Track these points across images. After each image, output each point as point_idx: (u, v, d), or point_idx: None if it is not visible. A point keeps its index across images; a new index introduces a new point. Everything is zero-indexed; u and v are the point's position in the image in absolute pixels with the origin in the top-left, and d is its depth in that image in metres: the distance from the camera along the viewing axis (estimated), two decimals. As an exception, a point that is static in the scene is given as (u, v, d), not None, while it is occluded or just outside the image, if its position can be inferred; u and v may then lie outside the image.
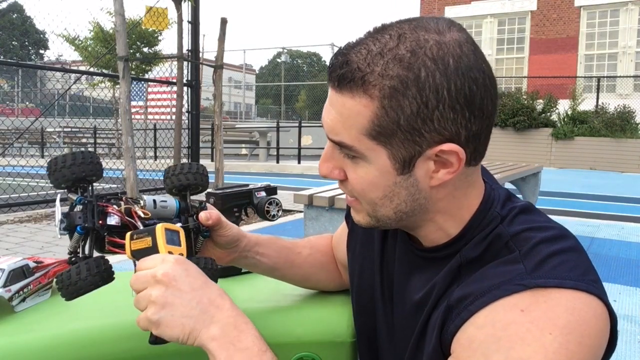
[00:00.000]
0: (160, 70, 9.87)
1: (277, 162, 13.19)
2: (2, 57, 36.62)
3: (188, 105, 6.40)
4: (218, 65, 5.64)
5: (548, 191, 7.65)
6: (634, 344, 2.43)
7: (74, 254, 0.71)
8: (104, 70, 13.34)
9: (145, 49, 14.45)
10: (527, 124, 14.03)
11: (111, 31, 12.56)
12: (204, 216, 0.79)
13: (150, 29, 10.31)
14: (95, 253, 0.72)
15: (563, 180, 10.22)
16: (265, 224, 4.80)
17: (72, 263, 0.70)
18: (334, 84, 0.62)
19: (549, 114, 14.33)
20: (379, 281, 0.80)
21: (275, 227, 4.71)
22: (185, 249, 0.72)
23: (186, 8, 5.79)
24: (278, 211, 1.14)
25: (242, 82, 31.65)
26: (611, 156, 13.21)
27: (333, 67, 0.62)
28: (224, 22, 5.63)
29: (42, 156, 12.76)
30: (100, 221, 0.71)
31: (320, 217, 2.45)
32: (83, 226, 0.69)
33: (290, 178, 10.38)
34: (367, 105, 0.60)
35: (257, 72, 46.81)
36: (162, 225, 0.70)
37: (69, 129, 15.78)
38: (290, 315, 0.93)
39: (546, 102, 14.31)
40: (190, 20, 6.05)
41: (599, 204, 7.27)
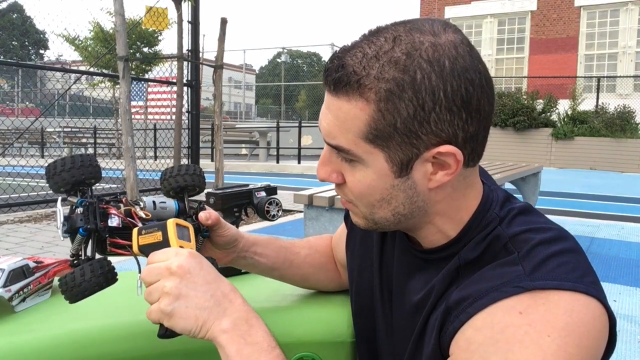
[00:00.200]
0: (160, 70, 9.86)
1: (277, 162, 13.19)
2: (2, 57, 36.60)
3: (188, 105, 6.39)
4: (218, 65, 5.64)
5: (548, 191, 7.65)
6: (634, 344, 2.43)
7: (76, 257, 0.71)
8: (104, 70, 13.35)
9: (145, 49, 14.46)
10: (527, 124, 14.03)
11: (111, 31, 12.56)
12: (203, 216, 0.79)
13: (150, 29, 10.30)
14: (97, 255, 0.72)
15: (563, 180, 10.22)
16: (265, 224, 4.80)
17: (74, 265, 0.70)
18: (330, 88, 0.62)
19: (549, 114, 14.33)
20: (378, 282, 0.80)
21: (275, 227, 4.70)
22: (194, 245, 0.72)
23: (186, 8, 5.79)
24: (278, 211, 1.14)
25: (242, 82, 31.65)
26: (611, 156, 13.21)
27: (329, 71, 0.62)
28: (224, 22, 5.63)
29: (42, 156, 12.75)
30: (102, 223, 0.71)
31: (320, 217, 2.45)
32: (85, 228, 0.70)
33: (290, 178, 10.38)
34: (363, 108, 0.59)
35: (257, 72, 46.80)
36: (174, 221, 0.71)
37: (69, 129, 15.77)
38: (290, 315, 0.93)
39: (546, 102, 14.32)
40: (190, 20, 6.05)
41: (599, 204, 7.27)
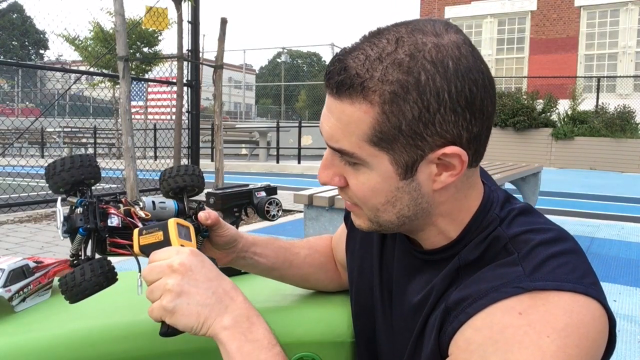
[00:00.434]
0: (160, 70, 9.87)
1: (277, 162, 13.19)
2: (2, 57, 36.60)
3: (188, 105, 6.40)
4: (218, 65, 5.64)
5: (548, 191, 7.65)
6: (634, 344, 2.43)
7: (76, 257, 0.71)
8: (104, 70, 13.35)
9: (145, 49, 14.46)
10: (527, 124, 14.03)
11: (111, 31, 12.57)
12: (203, 216, 0.79)
13: (150, 29, 10.31)
14: (97, 255, 0.72)
15: (563, 180, 10.22)
16: (265, 224, 4.80)
17: (74, 265, 0.70)
18: (332, 91, 0.61)
19: (549, 114, 14.33)
20: (378, 282, 0.80)
21: (275, 227, 4.70)
22: (195, 244, 0.73)
23: (186, 8, 5.80)
24: (278, 211, 1.14)
25: (242, 82, 31.65)
26: (611, 156, 13.21)
27: (330, 74, 0.61)
28: (224, 22, 5.63)
29: (42, 156, 12.75)
30: (102, 222, 0.71)
31: (320, 217, 2.45)
32: (85, 227, 0.70)
33: (290, 178, 10.38)
34: (367, 111, 0.59)
35: (257, 72, 46.79)
36: (175, 220, 0.71)
37: (69, 129, 15.77)
38: (290, 315, 0.93)
39: (546, 102, 14.32)
40: (190, 20, 6.05)
41: (599, 204, 7.27)
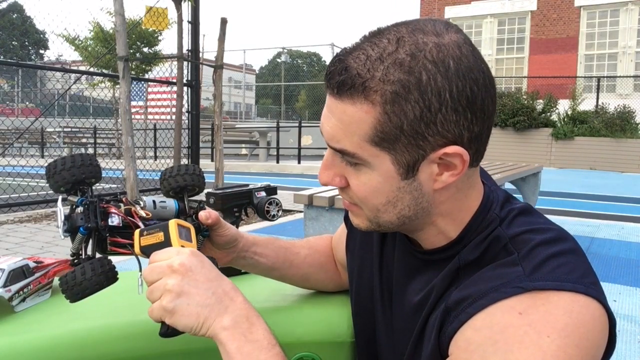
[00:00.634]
0: (160, 70, 9.87)
1: (277, 162, 13.19)
2: (2, 57, 36.60)
3: (188, 105, 6.40)
4: (218, 65, 5.64)
5: (548, 191, 7.65)
6: (634, 344, 2.43)
7: (76, 256, 0.71)
8: (104, 70, 13.35)
9: (145, 49, 14.46)
10: (527, 124, 14.04)
11: (111, 31, 12.57)
12: (203, 215, 0.79)
13: (150, 29, 10.31)
14: (97, 254, 0.72)
15: (563, 180, 10.22)
16: (265, 224, 4.80)
17: (75, 264, 0.70)
18: (332, 91, 0.61)
19: (549, 114, 14.33)
20: (378, 282, 0.80)
21: (275, 227, 4.70)
22: (195, 245, 0.73)
23: (186, 8, 5.79)
24: (278, 211, 1.14)
25: (242, 82, 31.64)
26: (611, 156, 13.21)
27: (331, 74, 0.61)
28: (224, 22, 5.63)
29: (42, 156, 12.75)
30: (102, 222, 0.71)
31: (320, 217, 2.45)
32: (86, 227, 0.70)
33: (290, 178, 10.38)
34: (368, 111, 0.59)
35: (257, 72, 46.79)
36: (175, 221, 0.71)
37: (69, 129, 15.78)
38: (290, 315, 0.93)
39: (546, 102, 14.32)
40: (190, 20, 6.05)
41: (599, 204, 7.27)
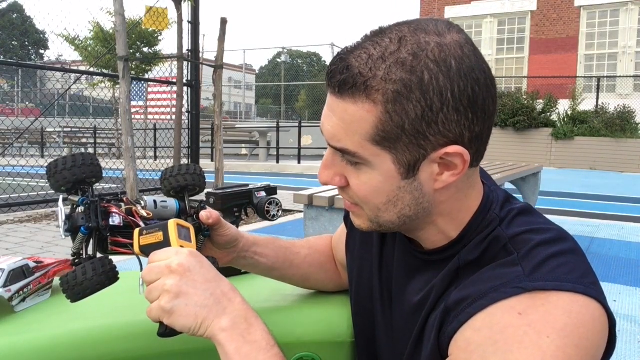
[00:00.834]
0: (160, 70, 9.86)
1: (277, 162, 13.19)
2: (2, 57, 36.60)
3: (188, 105, 6.39)
4: (218, 65, 5.64)
5: (548, 191, 7.65)
6: (634, 344, 2.43)
7: (77, 256, 0.71)
8: (104, 70, 13.35)
9: (145, 49, 14.46)
10: (527, 124, 14.04)
11: (111, 31, 12.57)
12: (204, 215, 0.79)
13: (150, 29, 10.31)
14: (98, 254, 0.72)
15: (563, 180, 10.22)
16: (265, 224, 4.80)
17: (76, 264, 0.70)
18: (334, 90, 0.61)
19: (549, 114, 14.33)
20: (378, 282, 0.80)
21: (275, 227, 4.70)
22: (195, 245, 0.73)
23: (186, 8, 5.79)
24: (278, 211, 1.14)
25: (242, 82, 31.64)
26: (611, 156, 13.21)
27: (333, 73, 0.61)
28: (224, 22, 5.63)
29: (42, 156, 12.75)
30: (104, 221, 0.71)
31: (320, 217, 2.45)
32: (87, 226, 0.70)
33: (290, 178, 10.38)
34: (370, 110, 0.59)
35: (257, 72, 46.78)
36: (175, 221, 0.71)
37: (69, 129, 15.78)
38: (290, 315, 0.93)
39: (546, 102, 14.32)
40: (190, 20, 6.04)
41: (599, 204, 7.27)
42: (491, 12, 19.79)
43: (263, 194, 1.14)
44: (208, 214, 0.79)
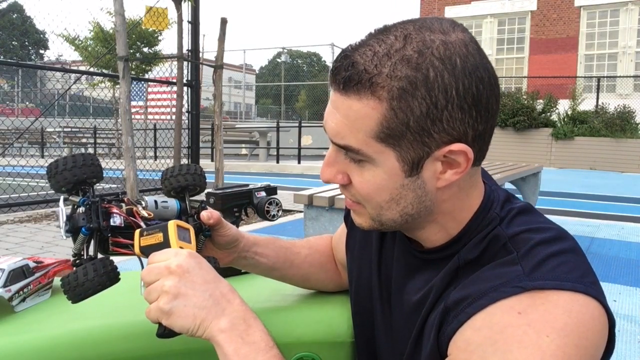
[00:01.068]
0: (160, 70, 9.86)
1: (277, 162, 13.19)
2: (2, 57, 36.59)
3: (188, 105, 6.39)
4: (218, 65, 5.63)
5: (548, 191, 7.65)
6: (634, 344, 2.43)
7: (78, 256, 0.71)
8: (104, 70, 13.35)
9: (145, 49, 14.46)
10: (527, 124, 14.04)
11: (111, 31, 12.57)
12: (205, 215, 0.79)
13: (150, 29, 10.30)
14: (99, 255, 0.72)
15: (563, 180, 10.22)
16: (265, 224, 4.80)
17: (76, 265, 0.70)
18: (338, 87, 0.61)
19: (549, 114, 14.34)
20: (377, 282, 0.80)
21: (275, 227, 4.70)
22: (195, 246, 0.73)
23: (186, 8, 5.79)
24: (278, 211, 1.14)
25: (242, 82, 31.61)
26: (611, 156, 13.21)
27: (337, 70, 0.61)
28: (224, 22, 5.62)
29: (42, 156, 12.75)
30: (104, 222, 0.71)
31: (320, 217, 2.45)
32: (88, 227, 0.70)
33: (290, 178, 10.38)
34: (375, 107, 0.59)
35: (257, 72, 46.76)
36: (175, 222, 0.71)
37: (69, 129, 15.78)
38: (290, 315, 0.93)
39: (546, 102, 14.32)
40: (190, 20, 6.04)
41: (599, 204, 7.27)
42: (491, 12, 19.80)
43: (263, 194, 1.14)
44: (209, 214, 0.79)
